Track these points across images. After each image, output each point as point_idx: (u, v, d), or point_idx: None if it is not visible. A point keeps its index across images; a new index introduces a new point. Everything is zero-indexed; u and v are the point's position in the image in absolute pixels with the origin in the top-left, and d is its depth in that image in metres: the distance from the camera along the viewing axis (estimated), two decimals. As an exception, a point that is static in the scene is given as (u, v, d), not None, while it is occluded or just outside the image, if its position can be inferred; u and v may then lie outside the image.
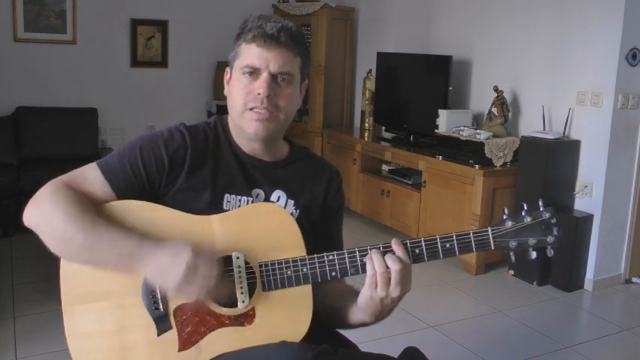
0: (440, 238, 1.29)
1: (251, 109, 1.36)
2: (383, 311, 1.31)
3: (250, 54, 1.35)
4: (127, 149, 1.36)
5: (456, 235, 1.29)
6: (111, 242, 1.23)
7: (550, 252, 1.30)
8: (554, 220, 1.29)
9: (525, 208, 1.30)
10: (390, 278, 1.25)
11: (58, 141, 4.70)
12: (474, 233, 1.29)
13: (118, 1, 5.16)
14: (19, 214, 1.31)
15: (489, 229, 1.29)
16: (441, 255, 1.30)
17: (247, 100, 1.36)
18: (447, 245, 1.29)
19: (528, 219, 1.29)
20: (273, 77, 1.36)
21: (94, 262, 1.26)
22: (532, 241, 1.29)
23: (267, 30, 1.33)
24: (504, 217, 1.30)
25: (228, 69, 1.44)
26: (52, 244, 1.26)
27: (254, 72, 1.35)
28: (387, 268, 1.25)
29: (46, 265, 3.37)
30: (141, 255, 1.23)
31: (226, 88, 1.44)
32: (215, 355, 1.29)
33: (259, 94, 1.34)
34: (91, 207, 1.28)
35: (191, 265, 1.20)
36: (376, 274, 1.25)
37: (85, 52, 5.08)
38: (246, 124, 1.38)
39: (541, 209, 1.30)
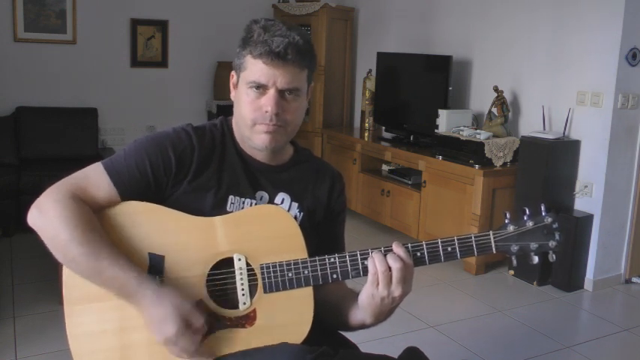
0: (441, 242, 1.29)
1: (260, 124, 1.36)
2: (383, 311, 1.31)
3: (257, 69, 1.33)
4: (133, 150, 1.36)
5: (458, 239, 1.29)
6: (111, 277, 1.24)
7: (552, 257, 1.30)
8: (555, 225, 1.29)
9: (527, 212, 1.30)
10: (391, 277, 1.26)
11: (58, 141, 4.70)
12: (475, 237, 1.29)
13: (118, 1, 5.16)
14: (19, 214, 1.32)
15: (491, 233, 1.30)
16: (443, 258, 1.30)
17: (256, 116, 1.35)
18: (449, 249, 1.29)
19: (530, 223, 1.29)
20: (281, 92, 1.34)
21: (94, 283, 1.27)
22: (534, 245, 1.29)
23: (274, 47, 1.30)
24: (506, 222, 1.30)
25: (233, 73, 1.43)
26: (54, 254, 1.27)
27: (260, 87, 1.34)
28: (389, 267, 1.26)
29: (46, 265, 3.38)
30: (137, 300, 1.24)
31: (233, 92, 1.43)
32: (215, 356, 1.29)
33: (267, 111, 1.34)
34: (96, 226, 1.27)
35: (171, 340, 1.22)
36: (378, 272, 1.26)
37: (85, 52, 5.08)
38: (255, 137, 1.38)
39: (543, 214, 1.30)
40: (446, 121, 4.10)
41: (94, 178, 1.32)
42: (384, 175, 4.71)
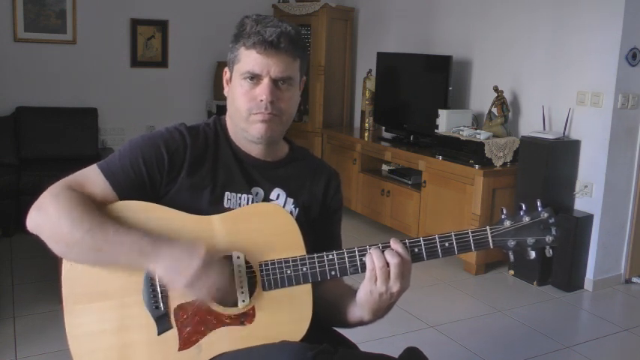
0: (439, 238, 1.30)
1: (255, 114, 1.37)
2: (381, 307, 1.31)
3: (250, 60, 1.35)
4: (127, 149, 1.37)
5: (455, 235, 1.30)
6: (119, 241, 1.23)
7: (549, 252, 1.31)
8: (552, 220, 1.30)
9: (524, 208, 1.31)
10: (389, 273, 1.26)
11: (58, 141, 4.70)
12: (472, 232, 1.30)
13: (118, 1, 5.17)
14: (19, 214, 1.32)
15: (488, 228, 1.30)
16: (440, 254, 1.30)
17: (251, 106, 1.36)
18: (446, 244, 1.30)
19: (527, 219, 1.30)
20: (274, 82, 1.36)
21: (102, 262, 1.27)
22: (530, 240, 1.30)
23: (267, 37, 1.33)
24: (503, 217, 1.31)
25: (227, 69, 1.44)
26: (57, 247, 1.26)
27: (255, 77, 1.36)
28: (387, 263, 1.26)
29: (46, 265, 3.38)
30: (153, 251, 1.24)
31: (226, 88, 1.45)
32: (215, 354, 1.29)
33: (262, 100, 1.35)
34: (94, 207, 1.28)
35: (206, 260, 1.22)
36: (375, 269, 1.26)
37: (85, 52, 5.09)
38: (251, 127, 1.38)
39: (539, 209, 1.31)
40: (446, 121, 4.10)
41: (91, 179, 1.33)
42: (384, 175, 4.71)
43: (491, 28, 4.28)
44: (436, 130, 4.15)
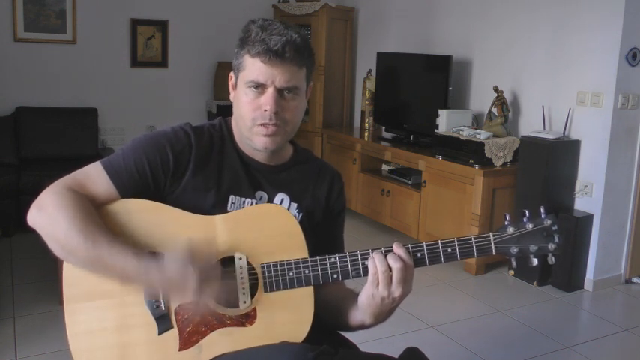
0: (442, 243, 1.30)
1: (259, 125, 1.36)
2: (383, 311, 1.31)
3: (255, 69, 1.33)
4: (131, 148, 1.36)
5: (458, 240, 1.30)
6: (111, 261, 1.22)
7: (551, 259, 1.30)
8: (555, 228, 1.30)
9: (527, 214, 1.31)
10: (391, 277, 1.26)
11: (58, 141, 4.70)
12: (475, 238, 1.30)
13: (118, 1, 5.16)
14: (19, 214, 1.32)
15: (491, 234, 1.30)
16: (443, 259, 1.30)
17: (255, 115, 1.35)
18: (449, 250, 1.30)
19: (530, 225, 1.30)
20: (279, 91, 1.34)
21: (96, 274, 1.26)
22: (533, 247, 1.30)
23: (272, 46, 1.30)
24: (506, 223, 1.31)
25: (232, 74, 1.43)
26: (54, 249, 1.26)
27: (259, 86, 1.34)
28: (389, 267, 1.26)
29: (46, 265, 3.40)
30: (145, 277, 1.23)
31: (232, 93, 1.44)
32: (215, 355, 1.29)
33: (266, 110, 1.34)
34: (95, 215, 1.27)
35: (199, 289, 1.21)
36: (378, 272, 1.26)
37: (85, 52, 5.08)
38: (254, 138, 1.38)
39: (542, 216, 1.31)
40: (446, 121, 4.11)
41: (94, 177, 1.33)
42: (384, 175, 4.71)
43: (491, 28, 4.28)
44: (436, 130, 4.15)
